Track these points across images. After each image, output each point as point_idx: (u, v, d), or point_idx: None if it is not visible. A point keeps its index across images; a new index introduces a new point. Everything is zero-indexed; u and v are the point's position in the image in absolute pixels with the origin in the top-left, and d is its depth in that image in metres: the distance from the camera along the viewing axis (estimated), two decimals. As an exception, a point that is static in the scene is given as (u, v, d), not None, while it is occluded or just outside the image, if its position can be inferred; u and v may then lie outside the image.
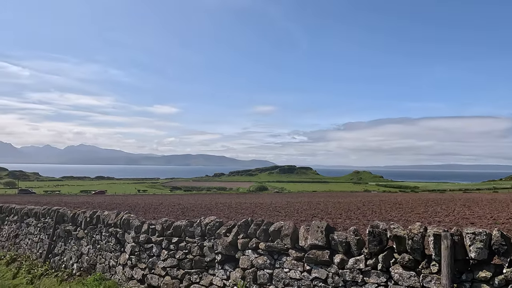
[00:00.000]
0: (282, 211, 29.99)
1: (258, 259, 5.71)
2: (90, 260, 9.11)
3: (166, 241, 7.15)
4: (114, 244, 8.44)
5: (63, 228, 10.45)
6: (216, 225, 6.53)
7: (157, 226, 7.47)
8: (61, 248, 10.36)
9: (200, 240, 6.64)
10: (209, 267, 6.45)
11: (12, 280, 10.68)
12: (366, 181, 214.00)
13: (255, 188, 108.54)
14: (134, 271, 7.61)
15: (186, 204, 40.54)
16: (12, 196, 69.69)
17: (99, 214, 9.36)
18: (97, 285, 8.02)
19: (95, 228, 9.25)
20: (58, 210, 11.03)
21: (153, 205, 40.05)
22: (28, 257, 11.66)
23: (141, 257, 7.56)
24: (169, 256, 6.98)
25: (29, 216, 12.54)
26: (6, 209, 14.22)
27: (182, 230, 6.99)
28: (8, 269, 11.56)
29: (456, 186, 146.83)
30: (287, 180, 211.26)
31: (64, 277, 9.37)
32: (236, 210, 31.77)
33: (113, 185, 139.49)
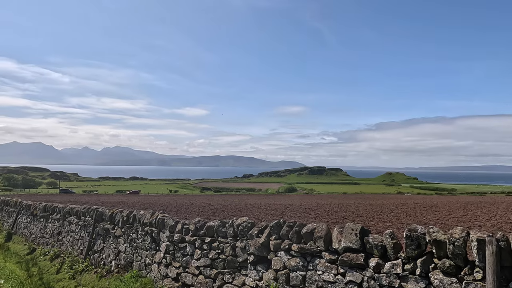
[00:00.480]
0: (312, 212, 29.65)
1: (290, 260, 5.70)
2: (127, 258, 9.47)
3: (199, 241, 7.30)
4: (149, 242, 8.73)
5: (102, 226, 10.95)
6: (248, 226, 6.58)
7: (190, 226, 7.64)
8: (100, 246, 10.85)
9: (233, 241, 6.72)
10: (241, 267, 6.51)
11: (56, 275, 11.31)
12: (399, 183, 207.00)
13: (284, 190, 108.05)
14: (169, 270, 7.82)
15: (216, 205, 41.11)
16: (54, 195, 73.72)
17: (135, 213, 9.72)
18: (134, 282, 8.33)
19: (131, 227, 9.61)
20: (97, 209, 11.56)
21: (185, 205, 40.94)
22: (70, 254, 12.31)
23: (175, 256, 7.77)
24: (202, 255, 7.12)
25: (71, 214, 13.25)
26: (50, 207, 15.10)
27: (214, 230, 7.10)
28: (52, 264, 12.26)
29: (498, 189, 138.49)
30: (317, 182, 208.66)
31: (103, 273, 9.80)
32: (265, 211, 31.80)
33: (146, 186, 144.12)
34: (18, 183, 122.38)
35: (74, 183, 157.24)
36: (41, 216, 15.38)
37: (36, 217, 15.90)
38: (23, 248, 15.16)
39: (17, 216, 18.16)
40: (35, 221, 15.95)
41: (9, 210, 19.92)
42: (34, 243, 15.13)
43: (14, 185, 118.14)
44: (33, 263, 12.96)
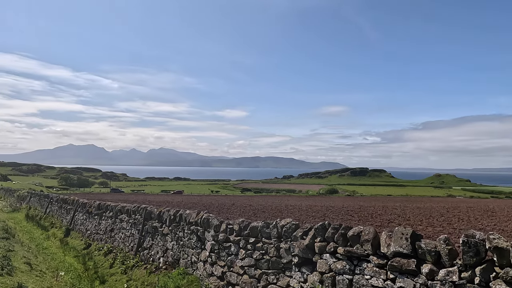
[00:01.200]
0: (355, 215, 28.81)
1: (336, 263, 5.60)
2: (174, 255, 9.85)
3: (243, 241, 7.41)
4: (195, 241, 9.01)
5: (150, 224, 11.48)
6: (292, 228, 6.57)
7: (234, 226, 7.78)
8: (149, 243, 11.39)
9: (277, 242, 6.74)
10: (285, 268, 6.51)
11: (109, 269, 12.05)
12: (450, 185, 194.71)
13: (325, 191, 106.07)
14: (214, 268, 8.02)
15: (256, 206, 41.34)
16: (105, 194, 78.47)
17: (181, 212, 10.09)
18: (181, 279, 8.64)
19: (178, 226, 9.98)
20: (146, 208, 12.15)
21: (226, 205, 41.66)
22: (121, 250, 13.05)
23: (220, 255, 7.95)
24: (246, 255, 7.22)
25: (122, 212, 14.04)
26: (103, 206, 16.11)
27: (258, 231, 7.17)
28: (106, 259, 13.07)
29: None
30: (359, 183, 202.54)
31: (152, 269, 10.27)
32: (306, 212, 31.43)
33: (189, 186, 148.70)
34: (74, 182, 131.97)
35: (123, 182, 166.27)
36: (96, 214, 16.47)
37: (91, 215, 17.04)
38: (80, 243, 16.32)
39: (74, 213, 19.60)
40: (90, 218, 17.10)
41: (67, 208, 21.55)
42: (89, 239, 16.22)
43: (70, 184, 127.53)
44: (89, 258, 13.90)
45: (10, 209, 33.08)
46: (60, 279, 11.25)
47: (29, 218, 27.14)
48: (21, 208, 33.98)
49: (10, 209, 32.82)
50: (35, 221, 25.48)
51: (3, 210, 31.82)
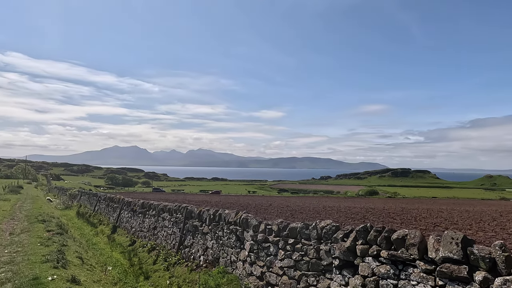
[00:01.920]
0: (397, 217, 27.67)
1: (380, 267, 5.41)
2: (214, 254, 10.06)
3: (282, 242, 7.39)
4: (234, 241, 9.13)
5: (191, 223, 11.81)
6: (333, 229, 6.45)
7: (273, 227, 7.78)
8: (190, 241, 11.72)
9: (316, 243, 6.65)
10: (326, 271, 6.41)
11: (153, 266, 12.55)
12: (503, 187, 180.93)
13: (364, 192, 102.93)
14: (253, 268, 8.08)
15: (294, 206, 41.05)
16: (148, 193, 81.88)
17: (220, 212, 10.27)
18: (221, 278, 8.79)
19: (217, 225, 10.18)
20: (187, 207, 12.51)
21: (263, 206, 41.78)
22: (164, 247, 13.54)
23: (259, 255, 7.99)
24: (285, 256, 7.19)
25: (164, 211, 14.57)
26: (147, 204, 16.82)
27: (297, 232, 7.12)
28: (149, 256, 13.63)
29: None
30: (401, 184, 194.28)
31: (193, 267, 10.55)
32: (345, 214, 30.69)
33: (226, 186, 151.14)
34: (119, 182, 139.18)
35: (164, 182, 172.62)
36: (140, 212, 17.23)
37: (136, 213, 17.86)
38: (125, 240, 17.16)
39: (120, 211, 20.65)
40: (135, 216, 17.92)
41: (114, 206, 22.76)
42: (134, 236, 17.01)
43: (116, 183, 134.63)
44: (134, 254, 14.57)
45: (63, 206, 35.59)
46: (108, 273, 11.90)
47: (80, 215, 29.02)
48: (73, 205, 36.44)
49: (63, 207, 35.32)
50: (85, 218, 27.19)
51: (57, 207, 34.30)
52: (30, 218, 20.27)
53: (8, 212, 23.55)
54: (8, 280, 8.02)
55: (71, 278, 8.29)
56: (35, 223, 18.30)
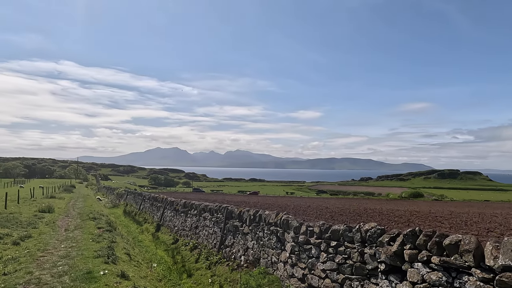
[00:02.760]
0: (445, 222, 26.10)
1: (431, 274, 5.13)
2: (254, 254, 10.12)
3: (324, 244, 7.26)
4: (275, 242, 9.13)
5: (231, 223, 11.98)
6: (378, 233, 6.23)
7: (315, 229, 7.68)
8: (230, 241, 11.89)
9: (360, 247, 6.46)
10: (371, 275, 6.20)
11: (195, 264, 12.89)
12: None
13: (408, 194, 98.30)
14: (295, 270, 8.02)
15: (333, 208, 40.19)
16: (188, 193, 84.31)
17: (261, 213, 10.32)
18: (262, 278, 8.82)
19: (258, 226, 10.23)
20: (227, 208, 12.71)
21: (302, 207, 41.33)
22: (205, 246, 13.86)
23: (301, 257, 7.91)
24: (328, 259, 7.06)
25: (205, 211, 14.91)
26: (188, 204, 17.31)
27: (340, 234, 6.97)
28: (192, 254, 14.01)
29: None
30: (448, 187, 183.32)
31: (234, 266, 10.69)
32: (388, 217, 29.49)
33: (264, 187, 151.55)
34: (161, 182, 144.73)
35: (203, 183, 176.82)
36: (182, 211, 17.78)
37: (178, 212, 18.45)
38: (168, 238, 17.79)
39: (164, 211, 21.44)
40: (177, 215, 18.52)
41: (158, 205, 23.69)
42: (177, 234, 17.58)
43: (158, 183, 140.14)
44: (177, 252, 15.06)
45: (111, 205, 37.68)
46: (153, 270, 12.41)
47: (126, 214, 30.55)
48: (120, 204, 38.46)
49: (111, 205, 37.40)
50: (131, 216, 28.58)
51: (105, 206, 36.39)
52: (82, 216, 21.68)
53: (63, 210, 25.36)
54: (65, 273, 8.63)
55: (120, 273, 8.75)
56: (86, 220, 19.54)
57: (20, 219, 17.56)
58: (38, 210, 22.64)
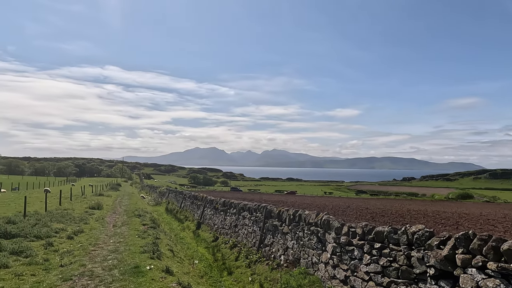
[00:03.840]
0: (498, 225, 24.33)
1: (487, 281, 4.80)
2: (294, 254, 10.07)
3: (367, 246, 7.06)
4: (315, 242, 9.02)
5: (270, 222, 12.00)
6: (426, 235, 5.93)
7: (357, 230, 7.48)
8: (270, 240, 11.92)
9: (407, 249, 6.20)
10: (419, 280, 5.93)
11: (235, 262, 13.08)
12: None
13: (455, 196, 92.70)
14: (336, 271, 7.87)
15: (374, 209, 38.92)
16: (227, 192, 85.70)
17: (300, 213, 10.24)
18: (303, 279, 8.75)
19: (297, 226, 10.17)
20: (266, 207, 12.76)
21: (341, 207, 40.45)
22: (245, 244, 14.01)
23: (343, 258, 7.75)
24: (372, 261, 6.85)
25: (244, 210, 15.07)
26: (228, 203, 17.60)
27: (384, 236, 6.73)
28: (231, 252, 14.23)
29: None
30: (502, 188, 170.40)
31: (274, 266, 10.71)
32: (434, 219, 28.05)
33: (301, 186, 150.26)
34: (200, 181, 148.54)
35: (240, 182, 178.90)
36: (221, 210, 18.11)
37: (218, 211, 18.82)
38: (209, 236, 18.20)
39: (204, 209, 21.97)
40: (217, 214, 18.90)
41: (198, 204, 24.32)
42: (216, 232, 17.94)
43: (197, 182, 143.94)
44: (217, 250, 15.38)
45: (154, 203, 39.29)
46: (195, 266, 12.76)
47: (168, 211, 31.69)
48: (162, 202, 39.98)
49: (154, 203, 38.99)
50: (172, 214, 29.60)
51: (148, 203, 38.00)
52: (128, 213, 22.81)
53: (110, 207, 26.83)
54: (114, 267, 9.13)
55: (165, 269, 9.10)
56: (132, 217, 20.52)
57: (73, 215, 18.84)
58: (89, 207, 24.14)
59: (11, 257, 9.43)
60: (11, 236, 11.82)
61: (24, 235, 12.16)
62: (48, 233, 13.08)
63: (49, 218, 16.72)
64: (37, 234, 12.55)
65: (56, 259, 9.84)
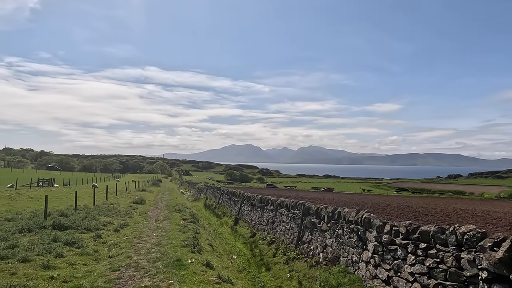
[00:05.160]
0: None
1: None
2: (333, 252, 9.90)
3: (412, 246, 6.77)
4: (355, 240, 8.81)
5: (309, 220, 11.90)
6: (478, 236, 5.58)
7: (400, 229, 7.20)
8: (308, 238, 11.82)
9: (456, 251, 5.87)
10: (469, 283, 5.59)
11: (273, 258, 13.12)
12: None
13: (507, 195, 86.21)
14: (378, 271, 7.64)
15: (416, 207, 37.16)
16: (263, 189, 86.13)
17: (339, 210, 10.05)
18: (342, 277, 8.59)
19: (336, 223, 9.99)
20: (304, 204, 12.65)
21: (381, 205, 39.05)
22: (282, 241, 14.01)
23: (385, 257, 7.50)
24: (416, 262, 6.57)
25: (281, 207, 15.06)
26: (265, 199, 17.68)
27: (431, 236, 6.42)
28: (269, 249, 14.29)
29: None
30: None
31: (312, 263, 10.61)
32: (483, 219, 26.23)
33: (338, 184, 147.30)
34: (236, 177, 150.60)
35: (276, 179, 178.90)
36: (259, 206, 18.24)
37: (255, 207, 18.97)
38: (246, 232, 18.41)
39: (241, 205, 22.25)
40: (254, 210, 19.06)
41: (235, 200, 24.67)
42: (254, 228, 18.10)
43: (234, 179, 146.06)
44: (255, 245, 15.51)
45: (193, 198, 40.42)
46: (233, 261, 12.97)
47: (207, 207, 32.43)
48: (200, 198, 41.02)
49: (192, 199, 40.12)
50: (211, 209, 30.27)
51: (188, 199, 39.16)
52: (169, 208, 23.65)
53: (152, 202, 27.98)
54: (158, 259, 9.53)
55: (205, 263, 9.34)
56: (173, 212, 21.26)
57: (118, 209, 19.87)
58: (132, 201, 25.34)
59: (65, 248, 10.15)
60: (64, 228, 12.72)
61: (76, 227, 13.04)
62: (97, 226, 13.91)
63: (97, 212, 17.78)
64: (87, 227, 13.40)
65: (104, 251, 10.45)
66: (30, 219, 13.84)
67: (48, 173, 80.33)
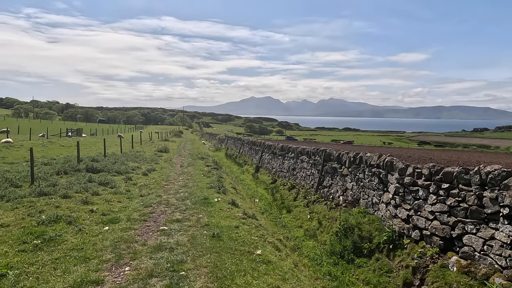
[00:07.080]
0: None
1: None
2: (354, 195, 10.20)
3: (434, 186, 6.88)
4: (376, 183, 9.00)
5: (330, 165, 12.12)
6: (503, 175, 5.60)
7: (423, 170, 7.28)
8: (328, 182, 12.13)
9: (479, 190, 5.94)
10: (489, 219, 5.73)
11: (293, 202, 13.66)
12: None
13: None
14: (398, 211, 7.88)
15: (438, 159, 36.81)
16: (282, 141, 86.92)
17: (361, 155, 10.15)
18: (362, 217, 8.94)
19: (358, 168, 10.15)
20: (325, 150, 12.80)
21: (401, 157, 38.85)
22: (303, 186, 14.45)
23: (406, 198, 7.69)
24: (438, 201, 6.72)
25: (303, 154, 15.30)
26: (286, 147, 17.94)
27: (454, 176, 6.48)
28: (290, 193, 14.81)
29: None
30: None
31: (332, 206, 11.01)
32: (508, 171, 25.80)
33: (359, 137, 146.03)
34: (256, 130, 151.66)
35: (295, 132, 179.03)
36: (279, 155, 18.59)
37: (275, 155, 19.35)
38: (267, 178, 19.01)
39: (262, 154, 22.71)
40: (275, 158, 19.46)
41: (256, 149, 25.14)
42: (275, 175, 18.64)
43: (253, 131, 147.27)
44: (276, 191, 16.09)
45: (214, 148, 41.42)
46: (256, 204, 13.60)
47: (228, 156, 33.29)
48: (221, 148, 41.97)
49: (214, 149, 41.12)
50: (232, 158, 31.08)
51: (209, 149, 40.18)
52: (192, 155, 24.45)
53: (175, 150, 28.92)
54: (186, 198, 10.14)
55: (231, 201, 9.88)
56: (196, 159, 22.01)
57: (144, 156, 20.75)
58: (157, 150, 26.28)
59: (100, 187, 10.89)
60: (96, 171, 13.52)
61: (107, 171, 13.83)
62: (126, 170, 14.70)
63: (125, 158, 18.65)
64: (118, 170, 14.19)
65: (136, 191, 11.16)
66: (65, 163, 14.73)
67: (75, 124, 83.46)
